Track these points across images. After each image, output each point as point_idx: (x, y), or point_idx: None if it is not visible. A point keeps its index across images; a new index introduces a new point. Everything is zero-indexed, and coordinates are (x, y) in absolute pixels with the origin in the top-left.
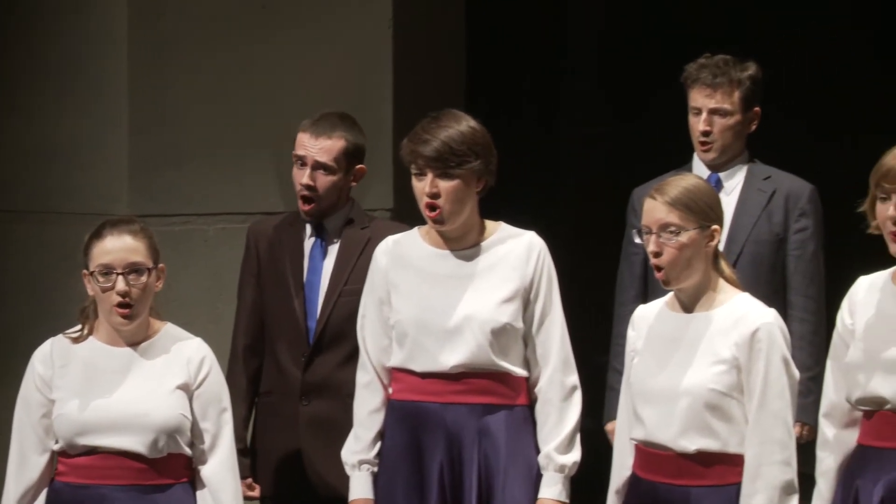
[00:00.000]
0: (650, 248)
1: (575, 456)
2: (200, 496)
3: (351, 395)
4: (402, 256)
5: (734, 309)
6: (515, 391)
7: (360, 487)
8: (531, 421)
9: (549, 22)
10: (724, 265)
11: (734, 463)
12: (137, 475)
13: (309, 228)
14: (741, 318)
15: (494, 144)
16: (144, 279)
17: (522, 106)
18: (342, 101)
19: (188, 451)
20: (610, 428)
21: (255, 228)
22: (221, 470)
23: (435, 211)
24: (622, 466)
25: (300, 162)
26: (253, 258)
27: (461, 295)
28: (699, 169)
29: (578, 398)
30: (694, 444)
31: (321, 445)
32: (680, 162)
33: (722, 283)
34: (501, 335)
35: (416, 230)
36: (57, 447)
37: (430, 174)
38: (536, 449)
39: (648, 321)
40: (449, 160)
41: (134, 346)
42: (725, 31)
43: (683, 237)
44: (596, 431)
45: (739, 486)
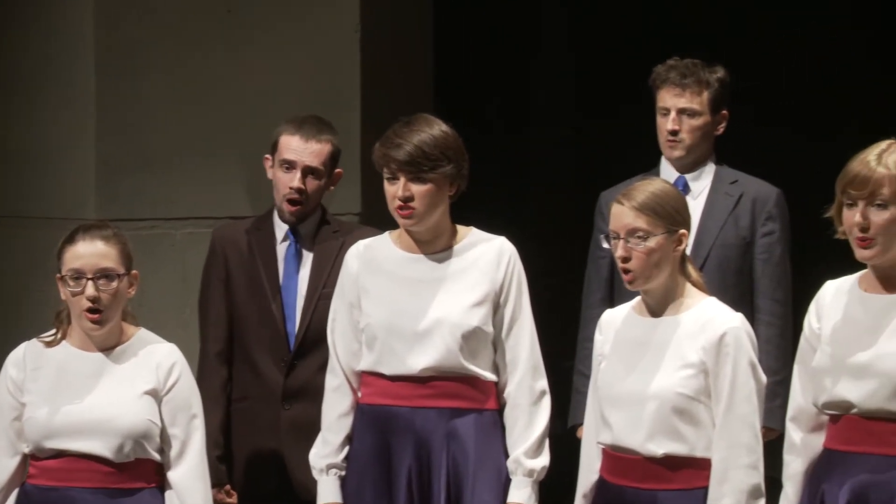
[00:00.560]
0: (618, 253)
1: (544, 460)
2: (168, 501)
3: None
4: (372, 260)
5: (701, 313)
6: (484, 395)
7: (328, 491)
8: (500, 425)
9: (517, 25)
10: (691, 269)
11: (701, 467)
12: (104, 479)
13: (280, 233)
14: (708, 322)
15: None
16: (115, 285)
17: (491, 110)
18: (310, 106)
19: (157, 456)
20: (580, 434)
21: (220, 233)
22: (190, 476)
23: (407, 210)
24: (589, 470)
25: (287, 166)
26: (220, 263)
27: (431, 299)
28: (667, 173)
29: (547, 403)
30: (661, 448)
31: (303, 449)
32: (649, 165)
33: (689, 287)
34: (471, 339)
35: (387, 234)
36: (27, 450)
37: (402, 178)
38: (505, 453)
39: (616, 325)
40: (421, 164)
41: (106, 351)
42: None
43: (651, 242)
44: (564, 436)
45: (707, 490)
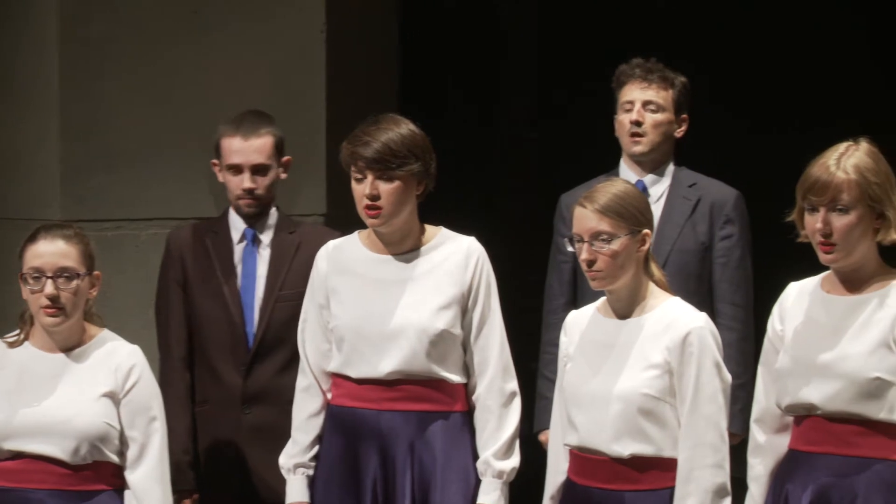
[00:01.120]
0: (583, 256)
1: (513, 462)
2: (127, 501)
3: (291, 400)
4: (341, 261)
5: (665, 313)
6: (453, 398)
7: (295, 491)
8: (469, 428)
9: (483, 25)
10: (654, 269)
11: (668, 467)
12: (60, 480)
13: (236, 234)
14: (672, 322)
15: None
16: (75, 284)
17: (456, 110)
18: (275, 105)
19: (116, 458)
20: (543, 438)
21: (175, 236)
22: (148, 479)
23: (375, 210)
24: (557, 471)
25: (235, 169)
26: (177, 266)
27: (399, 300)
28: (626, 175)
29: (517, 405)
30: (628, 448)
31: (264, 453)
32: (610, 165)
33: (653, 287)
34: (438, 342)
35: (356, 235)
36: None
37: (370, 176)
38: (475, 456)
39: (580, 326)
40: (389, 162)
41: (67, 351)
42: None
43: (615, 244)
44: (533, 437)
45: (673, 490)
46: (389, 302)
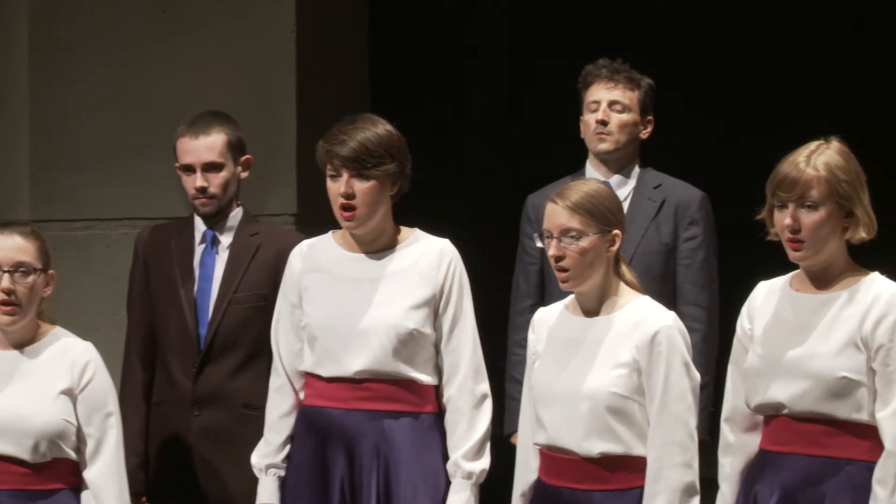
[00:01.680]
0: (551, 252)
1: (484, 463)
2: (85, 501)
3: (244, 404)
4: (314, 260)
5: (634, 312)
6: (422, 399)
7: (266, 491)
8: (439, 430)
9: (453, 26)
10: (624, 269)
11: (638, 467)
12: (20, 480)
13: (199, 236)
14: (641, 321)
15: None
16: (31, 279)
17: (426, 110)
18: (245, 106)
19: (73, 455)
20: (515, 440)
21: (142, 237)
22: (105, 474)
23: (350, 212)
24: (527, 470)
25: (188, 170)
26: (141, 267)
27: (370, 299)
28: (592, 176)
29: (489, 406)
30: (597, 447)
31: (215, 456)
32: (580, 166)
33: (622, 286)
34: (409, 342)
35: (330, 234)
36: None
37: (345, 174)
38: (445, 458)
39: (549, 324)
40: (365, 161)
41: (20, 348)
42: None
43: (585, 242)
44: (504, 439)
45: (643, 489)
46: (360, 300)
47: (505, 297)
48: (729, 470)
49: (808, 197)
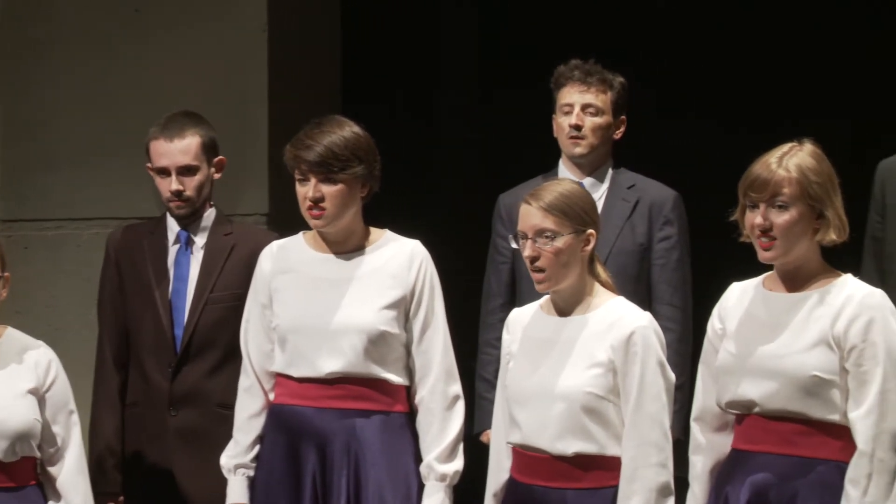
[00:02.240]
0: (527, 252)
1: (457, 465)
2: (52, 499)
3: (220, 404)
4: (285, 261)
5: (609, 312)
6: (393, 399)
7: (235, 492)
8: (409, 429)
9: (424, 26)
10: (600, 269)
11: (612, 466)
12: None
13: (172, 236)
14: (616, 321)
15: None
16: None
17: (398, 110)
18: (217, 106)
19: (37, 453)
20: (485, 438)
21: (113, 237)
22: (72, 472)
23: (319, 212)
24: (499, 469)
25: (163, 173)
26: (113, 268)
27: (341, 300)
28: (565, 177)
29: (461, 408)
30: (571, 447)
31: (191, 456)
32: (552, 166)
33: (597, 286)
34: (380, 342)
35: (300, 235)
36: None
37: (313, 179)
38: (417, 459)
39: (523, 324)
40: (332, 165)
41: None
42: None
43: (559, 242)
44: (475, 438)
45: (617, 489)
46: (331, 301)
47: (476, 296)
48: (699, 469)
49: (779, 197)
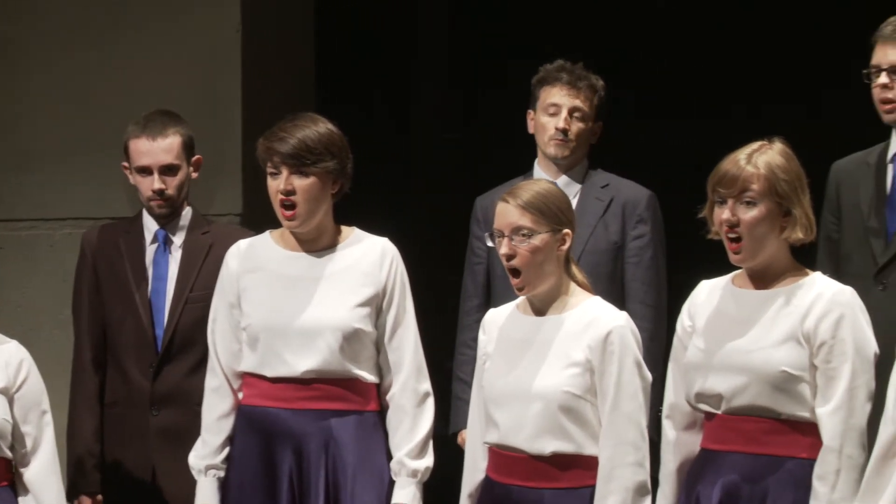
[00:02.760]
0: (503, 250)
1: (427, 462)
2: (23, 499)
3: (200, 403)
4: (253, 259)
5: (586, 312)
6: (366, 398)
7: (206, 493)
8: (381, 427)
9: (400, 25)
10: (575, 269)
11: (589, 466)
12: None
13: (149, 235)
14: (593, 321)
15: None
16: None
17: (373, 109)
18: (191, 105)
19: (9, 454)
20: (460, 439)
21: (88, 237)
22: (44, 472)
23: (291, 210)
24: (475, 469)
25: (144, 171)
26: (89, 267)
27: (314, 298)
28: (540, 177)
29: (431, 405)
30: (549, 446)
31: (173, 456)
32: (526, 167)
33: (573, 286)
34: (354, 340)
35: (267, 234)
36: None
37: (285, 171)
38: (388, 455)
39: (499, 324)
40: (304, 158)
41: None
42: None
43: (536, 240)
44: (448, 437)
45: (594, 488)
46: (304, 300)
47: (452, 297)
48: (669, 467)
49: (747, 193)
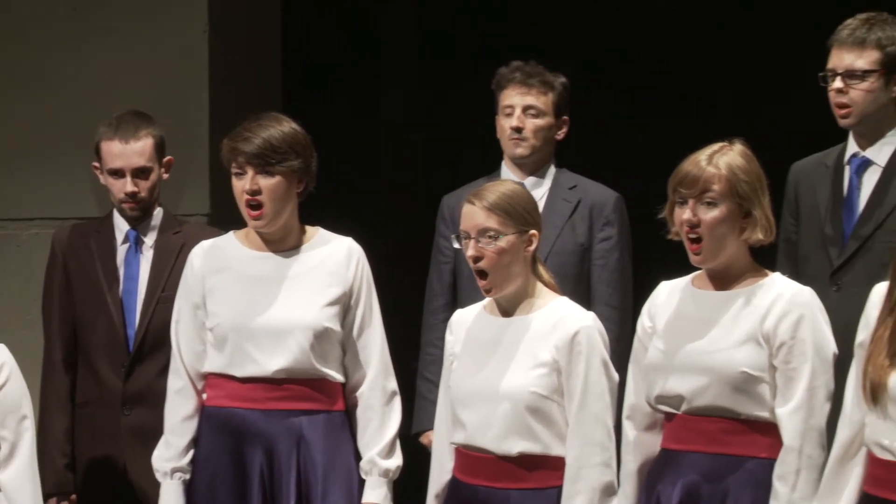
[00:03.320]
0: (469, 252)
1: (397, 460)
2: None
3: None
4: (219, 260)
5: (552, 312)
6: (333, 398)
7: (171, 496)
8: (348, 427)
9: (366, 25)
10: (542, 270)
11: (556, 466)
12: None
13: (120, 235)
14: (560, 321)
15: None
16: None
17: (340, 109)
18: (158, 105)
19: None
20: (425, 440)
21: (59, 237)
22: (20, 477)
23: (257, 210)
24: (442, 470)
25: (116, 174)
26: (59, 267)
27: (282, 298)
28: (508, 177)
29: (398, 403)
30: (516, 447)
31: (145, 455)
32: (493, 167)
33: (540, 287)
34: (324, 340)
35: (231, 234)
36: None
37: (250, 171)
38: (355, 454)
39: (466, 325)
40: (269, 157)
41: None
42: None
43: (502, 242)
44: (412, 437)
45: (560, 489)
46: (273, 300)
47: (416, 297)
48: (629, 468)
49: (707, 194)
